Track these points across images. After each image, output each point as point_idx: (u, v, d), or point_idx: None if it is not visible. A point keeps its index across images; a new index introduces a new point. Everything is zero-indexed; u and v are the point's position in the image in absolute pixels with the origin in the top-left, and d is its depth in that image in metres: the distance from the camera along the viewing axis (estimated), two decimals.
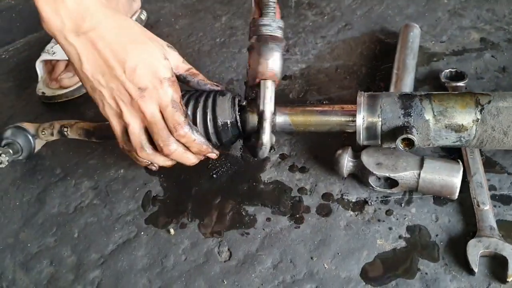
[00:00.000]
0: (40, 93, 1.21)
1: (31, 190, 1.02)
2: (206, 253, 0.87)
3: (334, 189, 0.94)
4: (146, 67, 0.78)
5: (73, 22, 0.73)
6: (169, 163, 0.88)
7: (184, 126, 0.82)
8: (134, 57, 0.77)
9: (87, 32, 0.74)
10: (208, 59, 1.26)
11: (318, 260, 0.84)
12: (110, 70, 0.77)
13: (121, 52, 0.76)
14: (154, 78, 0.79)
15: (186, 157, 0.86)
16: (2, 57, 1.40)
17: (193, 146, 0.85)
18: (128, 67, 0.77)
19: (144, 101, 0.79)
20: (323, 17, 1.35)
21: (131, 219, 0.94)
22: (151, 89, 0.79)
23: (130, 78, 0.77)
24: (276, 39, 0.85)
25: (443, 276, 0.79)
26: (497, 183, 0.90)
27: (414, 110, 0.84)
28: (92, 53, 0.76)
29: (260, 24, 0.86)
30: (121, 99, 0.80)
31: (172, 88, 0.81)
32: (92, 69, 0.77)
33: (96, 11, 0.74)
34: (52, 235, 0.94)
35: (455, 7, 1.31)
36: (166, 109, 0.80)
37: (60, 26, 0.73)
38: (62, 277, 0.87)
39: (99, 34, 0.75)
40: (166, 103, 0.80)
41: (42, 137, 1.04)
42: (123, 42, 0.77)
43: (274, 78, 0.86)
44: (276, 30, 0.86)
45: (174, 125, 0.81)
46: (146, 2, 1.46)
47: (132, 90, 0.78)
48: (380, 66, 1.17)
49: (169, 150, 0.83)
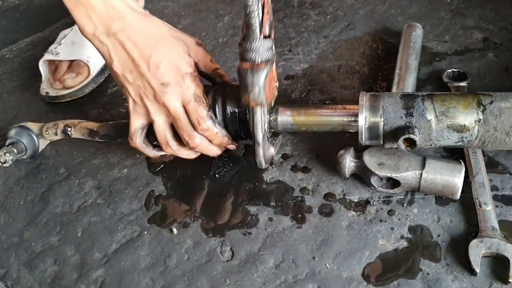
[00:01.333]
0: (44, 93, 1.21)
1: (35, 189, 1.03)
2: (209, 252, 0.88)
3: (336, 189, 0.94)
4: (168, 63, 0.82)
5: (103, 25, 0.80)
6: (194, 155, 0.92)
7: (207, 120, 0.85)
8: (158, 54, 0.81)
9: (116, 33, 0.80)
10: None
11: (320, 260, 0.84)
12: (137, 68, 0.82)
13: (146, 50, 0.81)
14: (177, 74, 0.82)
15: (210, 149, 0.90)
16: (6, 56, 1.41)
17: (215, 139, 0.88)
18: (152, 64, 0.81)
19: (167, 96, 0.82)
20: (325, 17, 1.35)
21: (134, 219, 0.94)
22: (174, 84, 0.82)
23: (154, 74, 0.81)
24: (258, 67, 0.79)
25: (444, 276, 0.79)
26: (499, 183, 0.90)
27: (416, 110, 0.84)
28: (121, 52, 0.81)
29: (242, 49, 0.80)
30: (146, 95, 0.84)
31: (194, 83, 0.84)
32: (122, 67, 0.82)
33: (123, 13, 0.80)
34: (56, 234, 0.94)
35: (458, 7, 1.31)
36: (189, 104, 0.84)
37: (93, 29, 0.80)
38: (66, 276, 0.88)
39: (127, 34, 0.80)
40: (189, 98, 0.83)
41: (46, 136, 1.05)
42: (148, 40, 0.81)
43: (260, 104, 0.83)
44: (260, 55, 0.79)
45: (198, 119, 0.84)
46: (148, 1, 1.46)
47: (155, 85, 0.82)
48: (383, 66, 1.18)
49: (195, 144, 0.87)
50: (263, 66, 0.80)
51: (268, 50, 0.80)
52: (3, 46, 1.44)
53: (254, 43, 0.79)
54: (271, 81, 0.84)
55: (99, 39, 0.81)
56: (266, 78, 0.80)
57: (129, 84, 0.84)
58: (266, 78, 0.80)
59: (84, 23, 0.80)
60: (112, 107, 1.18)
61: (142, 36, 0.81)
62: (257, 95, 0.81)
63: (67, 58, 1.21)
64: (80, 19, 0.80)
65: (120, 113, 1.15)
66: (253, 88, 0.80)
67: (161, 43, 0.82)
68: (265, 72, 0.80)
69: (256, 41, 0.79)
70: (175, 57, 0.83)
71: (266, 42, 0.80)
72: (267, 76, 0.81)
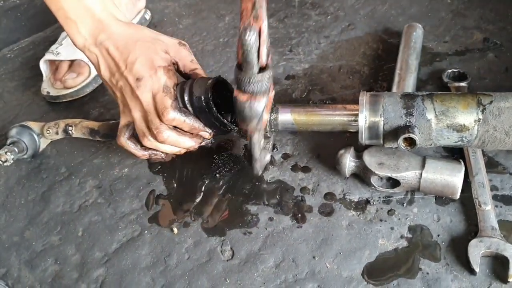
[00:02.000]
0: (45, 92, 1.22)
1: (36, 188, 1.03)
2: (209, 252, 0.88)
3: (336, 189, 0.94)
4: (144, 60, 0.84)
5: (92, 36, 0.85)
6: (175, 149, 0.91)
7: (171, 111, 0.84)
8: (135, 53, 0.84)
9: (102, 42, 0.85)
10: (212, 59, 1.27)
11: (320, 259, 0.84)
12: (118, 69, 0.85)
13: (125, 51, 0.84)
14: (151, 68, 0.84)
15: (182, 141, 0.89)
16: (7, 56, 1.41)
17: (184, 127, 0.87)
18: (129, 62, 0.84)
19: (140, 90, 0.84)
20: (326, 17, 1.35)
21: (134, 218, 0.95)
22: (146, 78, 0.84)
23: (130, 71, 0.84)
24: (257, 100, 0.78)
25: (444, 276, 0.79)
26: (499, 183, 0.90)
27: (416, 110, 0.85)
28: (106, 58, 0.86)
29: (238, 80, 0.78)
30: (126, 93, 0.86)
31: (166, 75, 0.85)
32: (108, 72, 0.87)
33: (109, 24, 0.85)
34: (57, 233, 0.95)
35: (459, 7, 1.31)
36: (157, 95, 0.84)
37: (83, 42, 0.86)
38: (66, 275, 0.88)
39: (111, 42, 0.85)
40: (158, 89, 0.84)
41: (47, 135, 1.05)
42: (129, 43, 0.84)
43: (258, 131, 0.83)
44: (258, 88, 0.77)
45: (162, 111, 0.84)
46: (150, 1, 1.46)
47: (132, 81, 0.84)
48: (383, 66, 1.18)
49: (162, 137, 0.86)
50: (262, 98, 0.78)
51: (266, 80, 0.77)
52: (4, 46, 1.44)
53: (252, 78, 0.76)
54: (268, 106, 0.83)
55: (89, 49, 0.86)
56: (264, 108, 0.80)
57: (115, 87, 0.87)
58: (264, 108, 0.80)
59: (75, 36, 0.86)
60: (112, 107, 1.18)
61: (123, 41, 0.85)
62: (255, 125, 0.81)
63: (68, 58, 1.21)
64: (70, 33, 0.86)
65: None
66: (251, 120, 0.80)
67: (138, 43, 0.85)
68: (263, 104, 0.79)
69: (254, 76, 0.76)
70: (150, 54, 0.84)
71: (265, 74, 0.77)
72: (265, 107, 0.80)
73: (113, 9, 0.87)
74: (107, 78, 0.87)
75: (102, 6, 0.85)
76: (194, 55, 0.93)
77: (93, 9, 0.84)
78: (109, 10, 0.86)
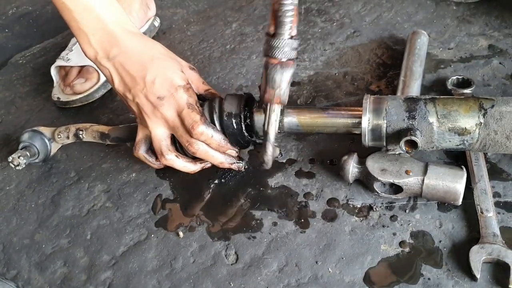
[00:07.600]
0: (55, 98, 1.24)
1: (46, 192, 1.05)
2: (214, 256, 0.89)
3: (339, 195, 0.95)
4: (162, 79, 0.87)
5: (103, 50, 0.87)
6: (191, 167, 0.95)
7: (201, 125, 0.88)
8: (153, 71, 0.87)
9: (115, 57, 0.87)
10: (218, 65, 1.29)
11: (322, 264, 0.85)
12: (135, 87, 0.88)
13: (142, 69, 0.87)
14: (171, 87, 0.87)
15: (211, 155, 0.92)
16: (19, 62, 1.44)
17: (212, 143, 0.91)
18: (148, 81, 0.86)
19: (164, 108, 0.88)
20: (332, 24, 1.36)
21: (141, 222, 0.97)
22: (168, 97, 0.87)
23: (150, 90, 0.87)
24: (286, 65, 0.83)
25: (445, 281, 0.80)
26: (501, 190, 0.91)
27: (418, 113, 0.86)
28: (120, 74, 0.88)
29: (271, 46, 0.83)
30: (144, 110, 0.89)
31: (187, 93, 0.89)
32: (122, 87, 0.89)
33: (121, 37, 0.87)
34: (66, 236, 0.97)
35: (464, 14, 1.31)
36: (183, 112, 0.88)
37: (94, 54, 0.88)
38: (75, 277, 0.90)
39: (125, 57, 0.87)
40: (182, 107, 0.88)
41: (58, 140, 1.07)
42: (143, 60, 0.87)
43: (282, 103, 0.87)
44: (287, 54, 0.83)
45: (191, 124, 0.87)
46: (159, 8, 1.48)
47: (153, 100, 0.87)
48: (388, 72, 1.19)
49: (195, 148, 0.90)
50: (291, 64, 0.84)
51: (294, 50, 0.84)
52: (16, 52, 1.47)
53: (284, 42, 0.82)
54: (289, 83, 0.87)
55: (101, 63, 0.88)
56: (291, 77, 0.84)
57: (130, 101, 0.90)
58: (291, 77, 0.84)
59: (86, 48, 0.88)
60: (122, 112, 1.21)
61: (137, 57, 0.87)
62: (283, 92, 0.84)
63: (78, 64, 1.23)
64: (82, 44, 0.88)
65: (130, 118, 1.17)
66: (280, 84, 0.83)
67: (155, 61, 0.87)
68: (291, 71, 0.84)
69: (285, 40, 0.82)
70: (168, 73, 0.88)
71: (294, 42, 0.83)
72: (291, 76, 0.84)
73: (125, 21, 0.89)
74: (121, 92, 0.90)
75: (114, 17, 0.87)
76: (201, 62, 0.96)
77: (104, 21, 0.86)
78: (121, 22, 0.88)
